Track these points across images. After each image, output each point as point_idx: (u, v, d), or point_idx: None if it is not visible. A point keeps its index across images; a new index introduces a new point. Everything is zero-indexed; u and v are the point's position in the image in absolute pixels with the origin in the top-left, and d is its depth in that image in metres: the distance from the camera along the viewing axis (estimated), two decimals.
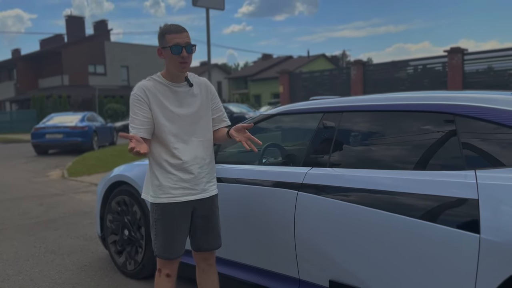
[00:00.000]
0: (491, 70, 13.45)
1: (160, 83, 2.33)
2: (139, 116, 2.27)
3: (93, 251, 4.38)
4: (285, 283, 2.56)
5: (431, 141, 2.18)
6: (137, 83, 2.36)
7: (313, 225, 2.38)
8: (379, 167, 2.27)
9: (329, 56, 49.18)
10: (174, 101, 2.33)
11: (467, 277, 1.85)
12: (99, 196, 3.98)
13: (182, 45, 2.23)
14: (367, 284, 2.18)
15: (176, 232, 2.34)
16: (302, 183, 2.46)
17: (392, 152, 2.31)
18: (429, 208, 1.98)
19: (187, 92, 2.37)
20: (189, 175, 2.33)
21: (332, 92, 15.32)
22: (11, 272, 3.87)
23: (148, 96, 2.28)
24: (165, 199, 2.32)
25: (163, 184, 2.32)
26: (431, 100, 2.23)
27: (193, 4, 6.90)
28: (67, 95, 32.70)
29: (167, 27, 2.29)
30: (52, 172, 10.63)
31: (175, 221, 2.34)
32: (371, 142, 2.44)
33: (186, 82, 2.37)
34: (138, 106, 2.28)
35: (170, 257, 2.36)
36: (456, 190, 1.93)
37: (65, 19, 41.00)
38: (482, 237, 1.81)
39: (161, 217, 2.34)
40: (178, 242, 2.35)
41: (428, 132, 2.20)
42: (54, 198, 7.25)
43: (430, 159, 2.16)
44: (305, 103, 2.85)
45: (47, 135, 14.16)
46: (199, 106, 2.39)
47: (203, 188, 2.39)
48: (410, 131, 2.27)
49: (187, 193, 2.34)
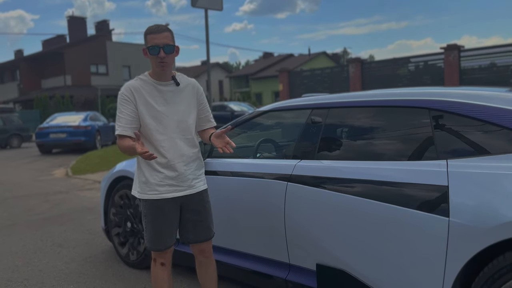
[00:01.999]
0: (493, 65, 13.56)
1: (147, 82, 2.40)
2: (125, 115, 2.35)
3: (98, 244, 4.58)
4: (277, 267, 2.75)
5: (408, 134, 2.36)
6: (125, 83, 2.44)
7: (301, 213, 2.57)
8: (361, 159, 2.45)
9: (330, 53, 49.29)
10: (160, 100, 2.39)
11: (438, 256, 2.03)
12: (102, 191, 4.17)
13: (160, 45, 2.30)
14: (349, 266, 2.37)
15: (163, 225, 2.43)
16: (291, 175, 2.64)
17: (373, 145, 2.49)
18: (404, 194, 2.16)
19: (174, 91, 2.43)
20: (174, 172, 2.41)
21: (331, 90, 15.52)
22: (20, 263, 4.07)
23: (134, 96, 2.37)
24: (152, 195, 2.41)
25: (150, 181, 2.41)
26: (408, 96, 2.41)
27: (192, 5, 7.09)
28: (69, 95, 32.94)
29: (149, 28, 2.37)
30: (56, 170, 10.85)
31: (161, 216, 2.42)
32: (355, 135, 2.63)
33: (173, 81, 2.44)
34: (124, 106, 2.36)
35: (159, 248, 2.46)
36: (430, 178, 2.11)
37: (67, 19, 41.21)
38: (451, 219, 1.99)
39: (149, 212, 2.43)
40: (166, 235, 2.45)
41: (405, 125, 2.38)
42: (58, 196, 7.46)
43: (407, 150, 2.34)
44: (296, 100, 3.03)
45: (51, 134, 14.39)
46: (185, 105, 2.46)
47: (190, 185, 2.47)
48: (389, 125, 2.45)
49: (173, 189, 2.42)
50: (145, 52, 2.39)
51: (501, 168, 1.95)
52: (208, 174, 3.16)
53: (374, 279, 2.27)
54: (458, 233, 1.97)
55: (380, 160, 2.38)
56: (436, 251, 2.03)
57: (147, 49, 2.35)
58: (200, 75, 46.54)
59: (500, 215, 1.86)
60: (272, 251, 2.78)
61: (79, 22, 41.36)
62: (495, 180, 1.94)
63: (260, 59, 56.56)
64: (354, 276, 2.35)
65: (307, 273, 2.60)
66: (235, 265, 2.99)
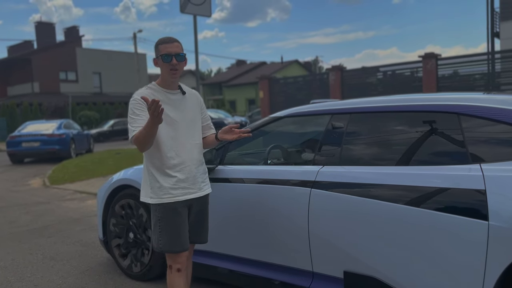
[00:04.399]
0: (457, 75, 14.13)
1: (157, 91, 2.52)
2: (142, 116, 2.41)
3: (92, 256, 4.40)
4: (299, 276, 2.69)
5: (437, 138, 2.36)
6: (136, 91, 2.54)
7: (327, 220, 2.52)
8: (388, 164, 2.44)
9: (302, 62, 49.79)
10: (171, 107, 2.50)
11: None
12: (100, 201, 4.01)
13: (172, 54, 2.44)
14: (381, 272, 2.34)
15: (180, 227, 2.50)
16: (314, 181, 2.60)
17: (400, 150, 2.49)
18: (438, 199, 2.15)
19: (181, 99, 2.57)
20: (187, 175, 2.51)
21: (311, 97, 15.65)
22: (13, 279, 3.85)
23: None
24: (166, 199, 2.48)
25: (164, 185, 2.48)
26: (436, 101, 2.42)
27: (181, 11, 6.99)
28: (38, 103, 31.93)
29: (161, 39, 2.52)
30: (32, 180, 10.44)
31: (177, 217, 2.49)
32: (380, 141, 2.61)
33: (179, 90, 2.58)
34: (139, 109, 2.43)
35: (178, 249, 2.49)
36: (465, 182, 2.11)
37: (35, 25, 40.08)
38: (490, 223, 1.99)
39: (164, 215, 2.49)
40: (183, 236, 2.51)
41: (434, 130, 2.38)
42: (39, 207, 7.16)
43: (436, 155, 2.34)
44: (311, 106, 3.00)
45: (24, 143, 13.86)
46: (192, 113, 2.60)
47: (199, 187, 2.58)
48: (416, 130, 2.45)
49: (186, 192, 2.51)
50: (156, 61, 2.53)
51: None
52: (220, 181, 3.09)
53: (408, 286, 2.25)
54: (497, 237, 1.97)
55: (409, 165, 2.37)
56: (475, 255, 2.03)
57: (160, 57, 2.47)
58: None
59: None
60: (294, 259, 2.72)
61: (47, 28, 40.31)
62: None
63: (233, 66, 56.58)
64: (386, 283, 2.32)
65: (332, 281, 2.55)
66: (252, 275, 2.91)
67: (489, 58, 13.71)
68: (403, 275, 2.26)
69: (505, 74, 13.37)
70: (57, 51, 37.28)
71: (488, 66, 13.40)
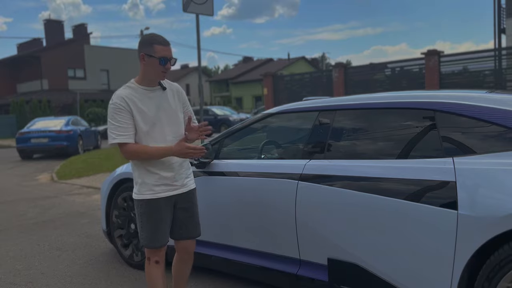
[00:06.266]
0: (466, 71, 14.09)
1: (136, 90, 2.50)
2: (123, 124, 2.44)
3: (97, 247, 4.60)
4: (287, 263, 2.86)
5: (415, 134, 2.51)
6: (115, 92, 2.52)
7: (312, 211, 2.68)
8: (369, 158, 2.59)
9: (309, 58, 49.85)
10: (152, 106, 2.51)
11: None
12: (104, 193, 4.20)
13: (168, 58, 2.46)
14: (361, 259, 2.50)
15: (160, 223, 2.55)
16: (301, 174, 2.76)
17: (380, 144, 2.64)
18: (414, 190, 2.30)
19: (161, 96, 2.55)
20: (169, 173, 2.54)
21: (314, 94, 15.76)
22: (21, 267, 4.06)
23: (128, 104, 2.46)
24: (148, 195, 2.52)
25: (146, 182, 2.53)
26: (414, 99, 2.56)
27: (183, 10, 7.16)
28: (47, 100, 32.37)
29: (155, 38, 2.48)
30: (40, 175, 10.70)
31: (158, 214, 2.54)
32: (362, 136, 2.76)
33: (159, 86, 2.56)
34: (120, 115, 2.44)
35: (156, 246, 2.56)
36: (438, 174, 2.25)
37: (44, 23, 40.51)
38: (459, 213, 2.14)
39: (146, 211, 2.54)
40: (162, 232, 2.57)
41: (412, 125, 2.53)
42: (47, 200, 7.39)
43: (413, 149, 2.49)
44: (301, 103, 3.16)
45: (33, 139, 14.16)
46: (173, 108, 2.59)
47: (182, 184, 2.61)
48: (395, 125, 2.60)
49: (168, 189, 2.55)
50: (143, 57, 2.46)
51: (502, 164, 2.11)
52: (215, 175, 3.26)
53: (386, 272, 2.40)
54: (466, 225, 2.11)
55: (388, 158, 2.52)
56: (446, 242, 2.17)
57: (155, 59, 2.44)
58: (180, 79, 46.36)
59: (503, 207, 2.01)
60: (282, 248, 2.88)
61: (56, 25, 40.72)
62: (497, 176, 2.10)
63: (240, 63, 56.72)
64: (366, 269, 2.47)
65: (317, 268, 2.71)
66: (245, 262, 3.08)
67: (496, 54, 13.64)
68: (382, 261, 2.42)
69: (511, 71, 13.32)
70: (65, 48, 37.68)
71: (495, 63, 13.35)
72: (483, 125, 2.29)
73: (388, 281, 2.40)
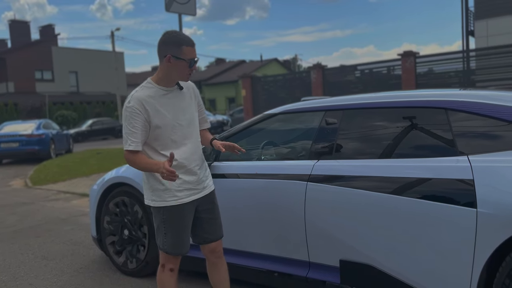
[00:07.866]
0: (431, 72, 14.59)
1: (154, 90, 2.38)
2: (138, 130, 2.33)
3: (85, 255, 4.41)
4: (296, 266, 2.80)
5: (427, 132, 2.50)
6: (131, 94, 2.38)
7: (322, 212, 2.64)
8: (381, 157, 2.57)
9: (281, 60, 50.04)
10: (170, 108, 2.40)
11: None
12: (93, 199, 4.04)
13: (195, 59, 2.37)
14: (375, 260, 2.46)
15: (184, 229, 2.48)
16: (310, 174, 2.71)
17: (391, 144, 2.62)
18: (430, 189, 2.29)
19: (179, 96, 2.45)
20: (192, 176, 2.46)
21: (293, 95, 15.85)
22: (6, 278, 3.85)
23: (145, 108, 2.33)
24: (172, 201, 2.41)
25: (169, 188, 2.40)
26: (425, 97, 2.55)
27: (166, 10, 7.03)
28: (13, 103, 31.24)
29: (183, 38, 2.35)
30: (13, 181, 10.28)
31: (182, 220, 2.45)
32: (372, 135, 2.74)
33: (176, 85, 2.46)
34: (136, 120, 2.32)
35: (182, 252, 2.48)
36: (454, 172, 2.25)
37: (8, 23, 39.16)
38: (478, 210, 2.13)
39: (169, 218, 2.43)
40: (186, 239, 2.50)
41: (423, 124, 2.52)
42: (24, 207, 7.09)
43: (426, 148, 2.48)
44: (305, 103, 3.11)
45: (2, 144, 13.60)
46: (191, 109, 2.51)
47: (204, 186, 2.53)
48: (406, 124, 2.58)
49: (191, 193, 2.46)
50: (169, 59, 2.33)
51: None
52: (216, 177, 3.17)
53: (402, 272, 2.38)
54: (485, 222, 2.11)
55: (399, 158, 2.50)
56: (466, 240, 2.17)
57: (184, 61, 2.33)
58: None
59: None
60: (291, 250, 2.82)
61: (22, 26, 39.42)
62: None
63: (212, 65, 56.44)
64: (381, 269, 2.44)
65: (328, 270, 2.67)
66: (253, 267, 3.00)
67: (464, 56, 14.13)
68: (397, 261, 2.39)
69: (480, 72, 13.80)
70: (32, 50, 36.52)
71: (464, 64, 13.82)
72: (496, 123, 2.30)
73: (404, 281, 2.38)
